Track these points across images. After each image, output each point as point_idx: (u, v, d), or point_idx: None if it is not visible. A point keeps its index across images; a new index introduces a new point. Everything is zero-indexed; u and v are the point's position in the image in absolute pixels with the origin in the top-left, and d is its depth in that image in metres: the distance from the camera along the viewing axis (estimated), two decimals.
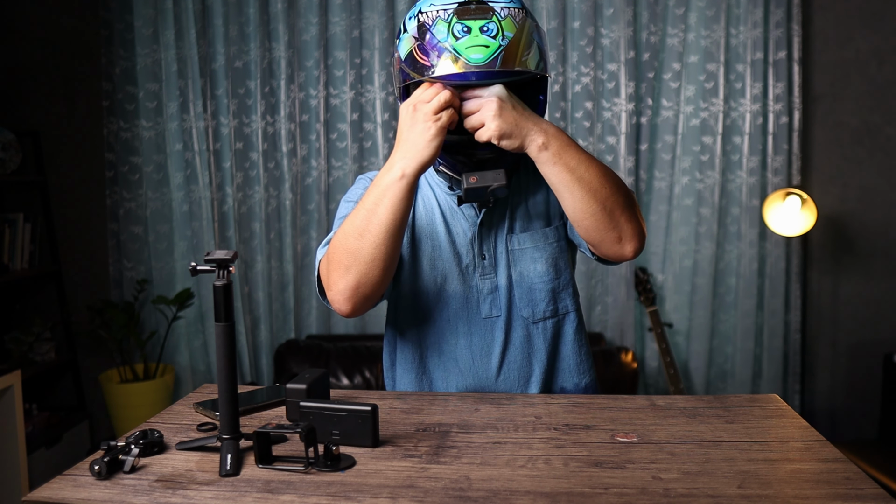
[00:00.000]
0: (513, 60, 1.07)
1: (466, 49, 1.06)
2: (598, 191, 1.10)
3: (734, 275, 2.97)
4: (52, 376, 3.25)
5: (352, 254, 1.10)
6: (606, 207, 1.11)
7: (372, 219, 1.09)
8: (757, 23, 2.83)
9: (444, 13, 1.09)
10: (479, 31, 1.07)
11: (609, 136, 2.93)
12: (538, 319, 1.27)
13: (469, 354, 1.26)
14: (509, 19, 1.09)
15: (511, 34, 1.08)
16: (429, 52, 1.09)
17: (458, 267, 1.26)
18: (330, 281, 1.14)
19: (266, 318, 3.09)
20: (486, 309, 1.26)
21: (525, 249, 1.26)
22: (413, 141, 1.07)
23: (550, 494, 0.80)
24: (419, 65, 1.10)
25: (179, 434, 1.02)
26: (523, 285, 1.26)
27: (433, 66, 1.08)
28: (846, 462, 0.89)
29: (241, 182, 3.04)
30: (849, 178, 2.97)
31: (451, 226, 1.27)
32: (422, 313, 1.28)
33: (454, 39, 1.07)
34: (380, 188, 1.09)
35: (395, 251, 1.13)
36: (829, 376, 3.04)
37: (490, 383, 1.27)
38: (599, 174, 1.11)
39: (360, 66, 2.97)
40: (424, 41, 1.09)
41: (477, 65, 1.06)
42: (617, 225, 1.13)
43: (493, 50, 1.06)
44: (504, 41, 1.07)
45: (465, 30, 1.07)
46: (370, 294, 1.14)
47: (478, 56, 1.06)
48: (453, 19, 1.08)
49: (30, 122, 3.15)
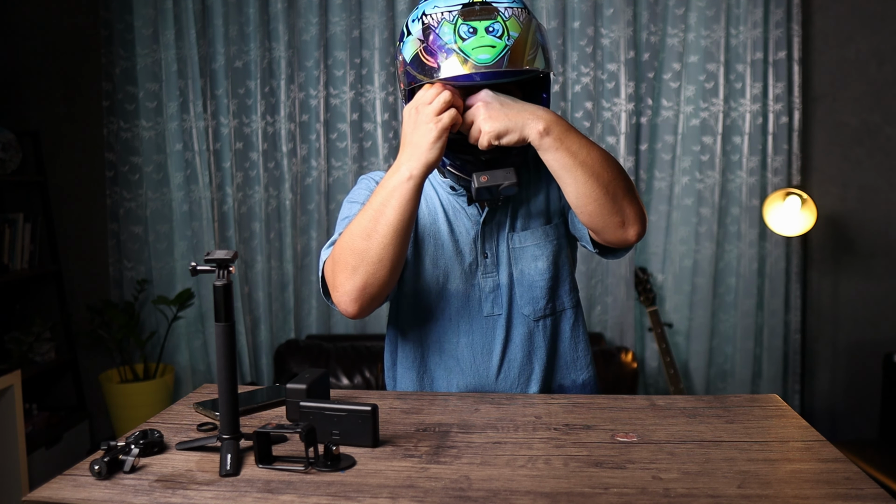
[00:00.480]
0: (519, 60, 1.08)
1: (473, 50, 1.07)
2: (601, 174, 1.10)
3: (734, 275, 2.97)
4: (52, 376, 3.25)
5: (359, 254, 1.10)
6: (609, 191, 1.11)
7: (380, 219, 1.09)
8: (757, 23, 2.83)
9: (450, 15, 1.09)
10: (485, 32, 1.08)
11: (609, 136, 2.93)
12: (539, 317, 1.27)
13: (470, 353, 1.27)
14: (513, 19, 1.09)
15: (516, 34, 1.08)
16: (435, 54, 1.09)
17: (460, 266, 1.26)
18: (336, 282, 1.14)
19: (266, 318, 3.09)
20: (488, 307, 1.26)
21: (526, 247, 1.27)
22: (417, 143, 1.08)
23: (550, 494, 0.80)
24: (426, 67, 1.10)
25: (179, 434, 1.02)
26: (524, 283, 1.26)
27: (440, 68, 1.08)
28: (846, 462, 0.89)
29: (241, 182, 3.04)
30: (849, 178, 2.97)
31: (453, 225, 1.27)
32: (423, 312, 1.28)
33: (461, 40, 1.07)
34: (387, 189, 1.09)
35: (402, 251, 1.13)
36: (829, 376, 3.04)
37: (491, 381, 1.27)
38: (601, 158, 1.11)
39: (360, 66, 2.97)
40: (430, 43, 1.10)
41: (485, 65, 1.06)
42: (620, 209, 1.12)
43: (499, 50, 1.07)
44: (510, 41, 1.08)
45: (470, 31, 1.08)
46: (377, 294, 1.14)
47: (485, 56, 1.06)
48: (458, 20, 1.08)
49: (30, 121, 3.15)
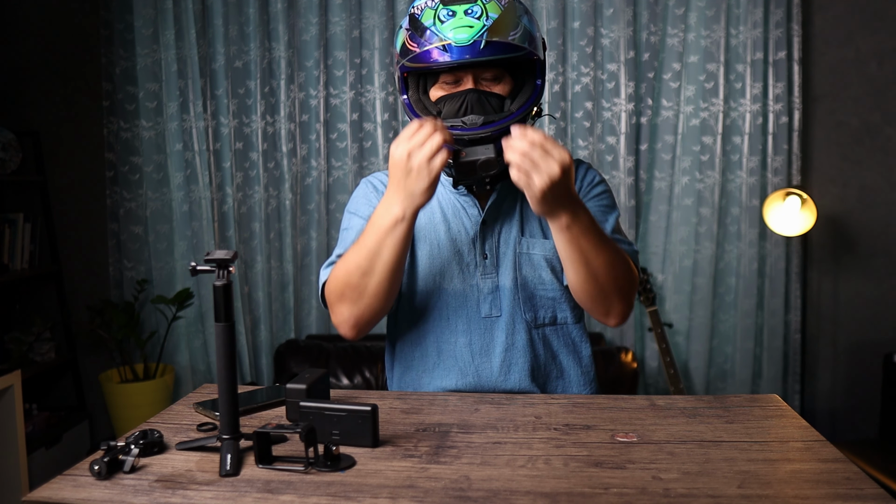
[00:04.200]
0: (497, 38, 1.12)
1: (452, 30, 1.11)
2: (599, 275, 1.15)
3: (734, 275, 2.97)
4: (52, 376, 3.25)
5: (357, 290, 1.16)
6: (603, 290, 1.17)
7: (375, 260, 1.14)
8: (757, 23, 2.83)
9: (432, 2, 1.15)
10: (464, 14, 1.12)
11: (609, 136, 2.93)
12: (540, 325, 1.27)
13: (469, 353, 1.26)
14: (494, 2, 1.14)
15: (496, 15, 1.13)
16: (417, 39, 1.14)
17: (458, 265, 1.26)
18: (335, 308, 1.20)
19: (266, 318, 3.09)
20: (486, 308, 1.26)
21: (533, 255, 1.26)
22: (411, 190, 1.09)
23: (550, 494, 0.80)
24: (409, 52, 1.15)
25: (179, 434, 1.02)
26: (527, 289, 1.26)
27: (421, 51, 1.13)
28: (846, 462, 0.89)
29: (241, 182, 3.04)
30: (849, 178, 2.97)
31: (451, 224, 1.27)
32: (421, 312, 1.28)
33: (440, 23, 1.12)
34: (381, 229, 1.12)
35: (398, 284, 1.19)
36: (829, 376, 3.04)
37: (490, 384, 1.26)
38: (607, 262, 1.15)
39: (360, 66, 2.97)
40: (414, 30, 1.15)
41: (462, 45, 1.11)
42: (608, 304, 1.20)
43: (477, 30, 1.11)
44: (488, 21, 1.12)
45: (450, 14, 1.13)
46: (374, 320, 1.21)
47: (462, 36, 1.11)
48: (439, 6, 1.14)
49: (30, 121, 3.15)
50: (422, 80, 1.22)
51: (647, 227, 3.01)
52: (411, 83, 1.22)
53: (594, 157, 2.92)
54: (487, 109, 1.16)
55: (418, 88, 1.22)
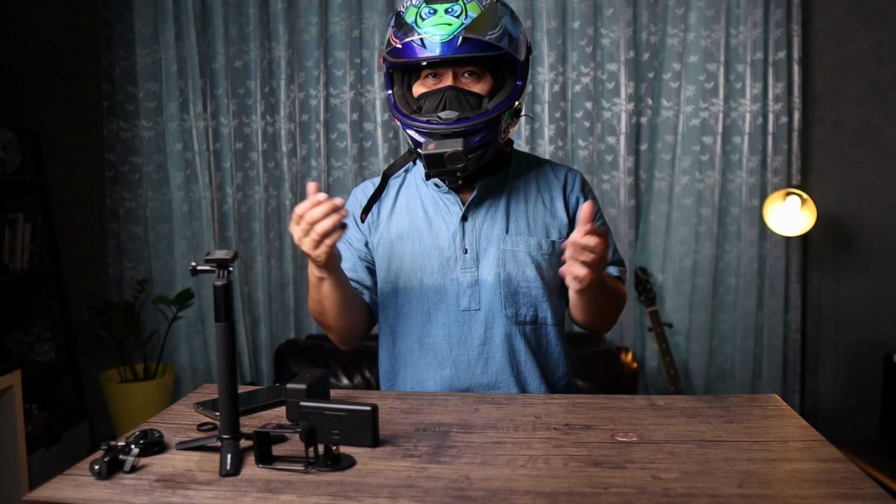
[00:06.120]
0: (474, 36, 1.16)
1: (431, 27, 1.16)
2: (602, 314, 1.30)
3: (734, 275, 2.97)
4: (52, 376, 3.25)
5: (324, 324, 1.29)
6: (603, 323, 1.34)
7: (323, 304, 1.24)
8: (757, 23, 2.83)
9: (416, 1, 1.20)
10: (444, 13, 1.17)
11: (609, 136, 2.93)
12: (521, 322, 1.29)
13: (447, 345, 1.28)
14: (475, 2, 1.18)
15: (475, 14, 1.17)
16: (399, 35, 1.19)
17: (438, 259, 1.29)
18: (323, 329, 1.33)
19: (266, 318, 3.09)
20: (465, 301, 1.28)
21: (517, 252, 1.28)
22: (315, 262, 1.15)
23: (550, 494, 0.80)
24: (391, 48, 1.21)
25: (179, 434, 1.02)
26: (511, 285, 1.28)
27: (401, 47, 1.18)
28: (846, 462, 0.89)
29: (241, 182, 3.04)
30: (849, 178, 2.97)
31: (433, 221, 1.30)
32: (405, 307, 1.31)
33: (421, 20, 1.17)
34: (313, 284, 1.22)
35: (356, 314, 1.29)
36: (829, 376, 3.04)
37: (467, 377, 1.28)
38: (611, 308, 1.31)
39: (360, 66, 2.97)
40: (398, 26, 1.20)
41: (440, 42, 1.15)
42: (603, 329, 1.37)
43: (454, 28, 1.15)
44: (466, 20, 1.16)
45: (431, 11, 1.17)
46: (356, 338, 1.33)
47: (440, 33, 1.16)
48: (422, 4, 1.19)
49: (30, 122, 3.15)
50: (406, 76, 1.27)
51: (647, 227, 3.01)
52: (396, 79, 1.27)
53: (594, 157, 2.92)
54: (465, 106, 1.19)
55: (402, 84, 1.27)
